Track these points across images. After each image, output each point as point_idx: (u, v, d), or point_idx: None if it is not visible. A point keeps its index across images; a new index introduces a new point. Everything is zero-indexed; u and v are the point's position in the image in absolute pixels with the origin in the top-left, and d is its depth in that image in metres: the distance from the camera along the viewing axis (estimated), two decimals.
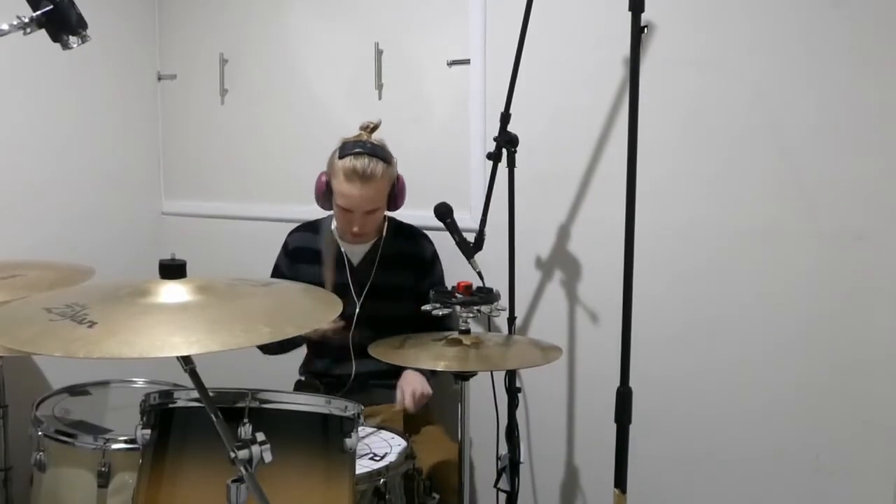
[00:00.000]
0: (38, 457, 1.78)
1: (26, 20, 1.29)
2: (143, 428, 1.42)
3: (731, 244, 1.95)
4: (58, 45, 1.35)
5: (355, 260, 2.16)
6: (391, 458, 1.69)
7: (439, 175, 2.34)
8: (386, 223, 2.18)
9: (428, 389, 2.02)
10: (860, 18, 1.77)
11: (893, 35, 1.75)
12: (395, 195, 2.08)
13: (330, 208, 2.09)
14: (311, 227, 2.24)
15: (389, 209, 2.12)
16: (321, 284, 2.04)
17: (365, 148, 1.99)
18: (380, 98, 2.47)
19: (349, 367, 2.12)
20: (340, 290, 2.05)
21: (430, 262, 2.20)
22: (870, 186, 1.79)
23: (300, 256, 2.19)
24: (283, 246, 2.24)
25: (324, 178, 2.06)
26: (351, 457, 1.44)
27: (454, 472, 1.81)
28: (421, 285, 2.12)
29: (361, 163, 1.96)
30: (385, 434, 1.83)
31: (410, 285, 2.15)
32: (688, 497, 2.06)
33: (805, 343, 1.88)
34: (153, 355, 1.01)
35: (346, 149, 2.00)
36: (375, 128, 2.06)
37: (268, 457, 1.18)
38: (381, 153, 2.01)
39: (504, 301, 1.83)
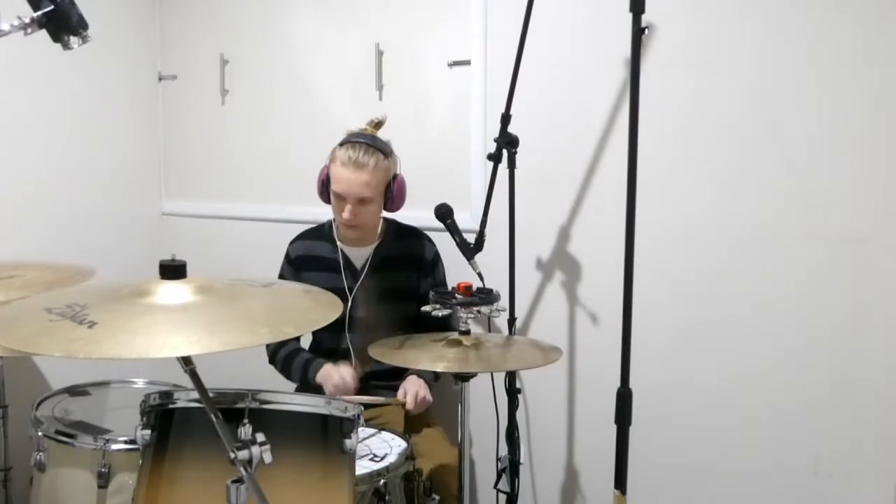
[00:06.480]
0: (37, 457, 1.78)
1: (27, 20, 1.29)
2: (142, 428, 1.42)
3: (732, 246, 1.95)
4: (58, 46, 1.35)
5: (358, 264, 2.16)
6: (391, 458, 1.69)
7: (440, 176, 2.34)
8: (387, 226, 2.19)
9: (429, 396, 2.04)
10: (861, 19, 1.77)
11: (894, 36, 1.75)
12: (393, 195, 2.08)
13: (328, 200, 2.11)
14: (311, 235, 2.24)
15: (388, 210, 2.12)
16: (329, 290, 2.04)
17: (364, 138, 2.05)
18: (380, 99, 2.47)
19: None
20: (343, 294, 2.06)
21: (431, 263, 2.20)
22: (872, 188, 1.79)
23: (304, 265, 2.19)
24: (286, 256, 2.24)
25: (325, 170, 2.09)
26: (351, 457, 1.44)
27: (454, 474, 1.81)
28: (423, 286, 2.13)
29: (357, 149, 2.02)
30: (385, 435, 1.83)
31: (413, 287, 2.15)
32: (687, 498, 2.06)
33: (805, 345, 1.88)
34: (153, 356, 1.01)
35: (346, 138, 2.07)
36: (380, 124, 2.11)
37: (268, 457, 1.18)
38: (379, 144, 2.05)
39: (504, 302, 1.83)
